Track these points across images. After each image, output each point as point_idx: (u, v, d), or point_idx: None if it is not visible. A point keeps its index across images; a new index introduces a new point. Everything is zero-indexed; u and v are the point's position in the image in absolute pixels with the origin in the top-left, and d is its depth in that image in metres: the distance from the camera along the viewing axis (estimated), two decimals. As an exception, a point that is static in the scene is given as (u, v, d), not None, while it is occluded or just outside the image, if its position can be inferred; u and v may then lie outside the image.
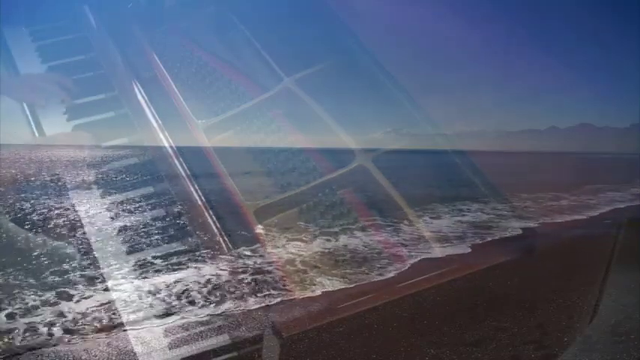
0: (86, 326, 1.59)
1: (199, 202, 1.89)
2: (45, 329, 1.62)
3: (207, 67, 2.32)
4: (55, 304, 1.66)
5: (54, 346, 1.55)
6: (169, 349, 1.46)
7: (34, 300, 1.74)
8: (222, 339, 1.49)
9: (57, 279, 1.72)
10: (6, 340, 1.52)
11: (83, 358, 1.50)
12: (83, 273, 1.74)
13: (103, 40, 2.41)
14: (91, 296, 1.66)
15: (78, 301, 1.67)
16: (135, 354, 1.47)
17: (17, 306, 1.64)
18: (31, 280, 1.75)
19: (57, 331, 1.61)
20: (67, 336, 1.58)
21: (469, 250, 2.15)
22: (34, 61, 2.39)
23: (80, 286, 1.69)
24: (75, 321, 1.61)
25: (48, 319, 1.65)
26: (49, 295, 1.71)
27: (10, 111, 2.26)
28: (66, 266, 1.79)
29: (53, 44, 2.47)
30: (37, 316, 1.66)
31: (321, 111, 2.05)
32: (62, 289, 1.68)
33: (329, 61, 2.17)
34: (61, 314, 1.63)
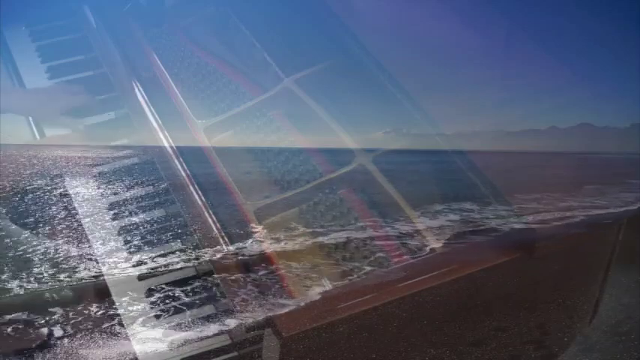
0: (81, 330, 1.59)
1: (199, 202, 1.88)
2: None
3: (207, 67, 2.31)
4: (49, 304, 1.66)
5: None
6: (168, 348, 1.46)
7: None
8: (221, 339, 1.48)
9: (51, 273, 1.71)
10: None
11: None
12: (76, 271, 1.73)
13: (103, 40, 2.41)
14: (89, 295, 1.66)
15: (71, 308, 1.66)
16: (134, 353, 1.47)
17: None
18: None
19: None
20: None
21: (470, 250, 2.15)
22: (34, 61, 2.40)
23: (76, 285, 1.69)
24: (70, 323, 1.60)
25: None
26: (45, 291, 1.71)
27: (9, 111, 2.27)
28: (63, 263, 1.79)
29: (53, 44, 2.47)
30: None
31: (321, 111, 2.04)
32: (54, 292, 1.68)
33: (329, 61, 2.16)
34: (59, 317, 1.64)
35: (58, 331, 1.57)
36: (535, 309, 1.92)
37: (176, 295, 1.68)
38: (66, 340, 1.53)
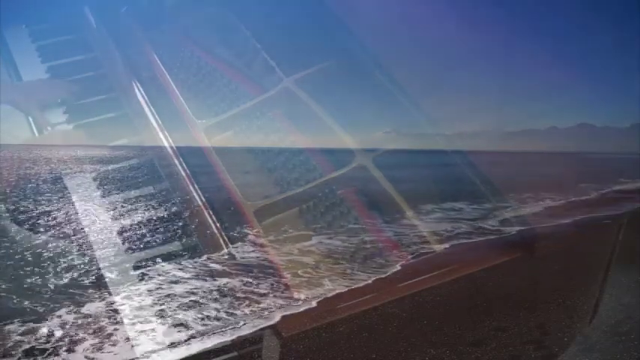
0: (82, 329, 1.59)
1: (199, 202, 1.88)
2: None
3: (207, 67, 2.32)
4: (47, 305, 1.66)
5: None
6: (168, 348, 1.46)
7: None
8: (221, 339, 1.48)
9: (52, 278, 1.72)
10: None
11: None
12: (80, 272, 1.73)
13: (103, 40, 2.41)
14: (89, 296, 1.66)
15: (75, 310, 1.66)
16: (133, 352, 1.46)
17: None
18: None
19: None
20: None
21: (470, 250, 2.16)
22: (34, 61, 2.39)
23: (76, 285, 1.69)
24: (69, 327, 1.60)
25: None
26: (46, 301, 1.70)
27: (9, 111, 2.27)
28: (62, 264, 1.79)
29: (53, 44, 2.46)
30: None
31: (321, 111, 2.05)
32: (58, 293, 1.68)
33: (329, 61, 2.16)
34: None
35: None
36: (535, 309, 1.92)
37: (174, 295, 1.68)
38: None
